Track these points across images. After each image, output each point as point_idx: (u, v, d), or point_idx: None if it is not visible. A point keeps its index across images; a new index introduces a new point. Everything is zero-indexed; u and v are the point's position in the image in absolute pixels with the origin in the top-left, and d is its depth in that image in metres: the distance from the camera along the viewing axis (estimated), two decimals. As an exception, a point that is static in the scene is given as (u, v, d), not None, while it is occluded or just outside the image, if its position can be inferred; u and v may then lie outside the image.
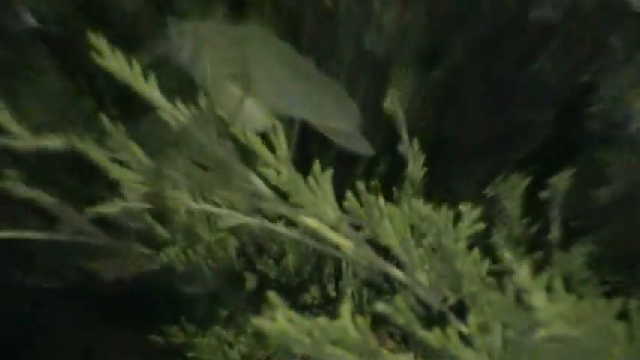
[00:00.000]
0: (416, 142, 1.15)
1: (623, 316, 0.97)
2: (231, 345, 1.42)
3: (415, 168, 1.15)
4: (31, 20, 1.60)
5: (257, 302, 1.21)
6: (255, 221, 1.08)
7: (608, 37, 1.46)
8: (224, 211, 1.08)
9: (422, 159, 1.15)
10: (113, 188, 1.09)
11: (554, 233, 1.19)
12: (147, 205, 1.12)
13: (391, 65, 1.73)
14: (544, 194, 1.21)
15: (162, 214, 1.22)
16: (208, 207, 1.09)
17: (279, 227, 1.09)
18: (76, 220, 1.20)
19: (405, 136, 1.15)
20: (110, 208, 1.13)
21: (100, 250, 1.24)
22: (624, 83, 1.42)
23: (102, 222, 1.22)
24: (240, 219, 1.07)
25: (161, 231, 1.24)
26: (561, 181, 1.23)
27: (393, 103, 1.14)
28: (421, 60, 1.72)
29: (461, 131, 1.69)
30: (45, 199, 1.18)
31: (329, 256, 1.14)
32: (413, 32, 1.74)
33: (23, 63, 1.63)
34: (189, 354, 1.42)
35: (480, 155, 1.67)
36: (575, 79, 1.60)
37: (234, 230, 1.23)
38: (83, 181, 1.30)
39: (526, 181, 1.23)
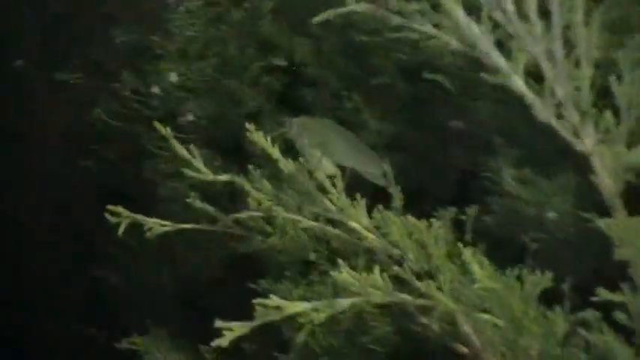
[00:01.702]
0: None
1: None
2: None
3: (398, 202, 1.28)
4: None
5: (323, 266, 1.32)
6: (317, 224, 1.22)
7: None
8: (302, 218, 1.22)
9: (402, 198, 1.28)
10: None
11: (469, 236, 1.32)
12: (262, 214, 1.26)
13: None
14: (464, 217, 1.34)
15: (270, 219, 1.35)
16: (294, 216, 1.23)
17: (329, 228, 1.22)
18: (226, 220, 1.32)
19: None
20: (244, 214, 1.27)
21: (237, 237, 1.36)
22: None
23: (239, 222, 1.33)
24: (308, 223, 1.22)
25: (268, 228, 1.35)
26: (472, 211, 1.36)
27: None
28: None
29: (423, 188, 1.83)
30: (210, 210, 1.31)
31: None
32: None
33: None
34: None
35: (432, 198, 1.81)
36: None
37: (306, 229, 1.34)
38: (232, 198, 1.42)
39: (454, 210, 1.32)
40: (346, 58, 2.09)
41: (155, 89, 1.66)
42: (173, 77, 1.67)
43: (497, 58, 0.91)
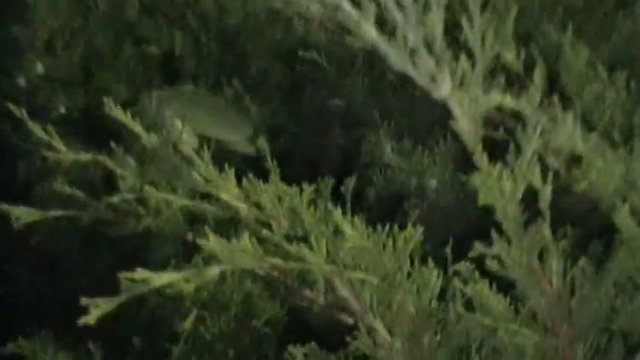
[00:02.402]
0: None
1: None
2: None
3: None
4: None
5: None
6: (190, 202, 1.21)
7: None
8: (175, 197, 1.21)
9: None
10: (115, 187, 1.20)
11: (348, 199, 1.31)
12: (134, 195, 1.24)
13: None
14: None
15: (143, 200, 1.33)
16: (167, 195, 1.22)
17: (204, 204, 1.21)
18: (97, 205, 1.29)
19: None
20: (115, 198, 1.25)
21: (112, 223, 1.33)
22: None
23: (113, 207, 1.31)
24: (182, 202, 1.20)
25: (140, 209, 1.34)
26: (350, 181, 1.35)
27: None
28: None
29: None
30: (79, 194, 1.28)
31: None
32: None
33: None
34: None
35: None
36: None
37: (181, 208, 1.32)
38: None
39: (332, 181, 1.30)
40: (223, 47, 2.08)
41: (21, 81, 1.61)
42: (39, 69, 1.63)
43: (349, 9, 0.90)
